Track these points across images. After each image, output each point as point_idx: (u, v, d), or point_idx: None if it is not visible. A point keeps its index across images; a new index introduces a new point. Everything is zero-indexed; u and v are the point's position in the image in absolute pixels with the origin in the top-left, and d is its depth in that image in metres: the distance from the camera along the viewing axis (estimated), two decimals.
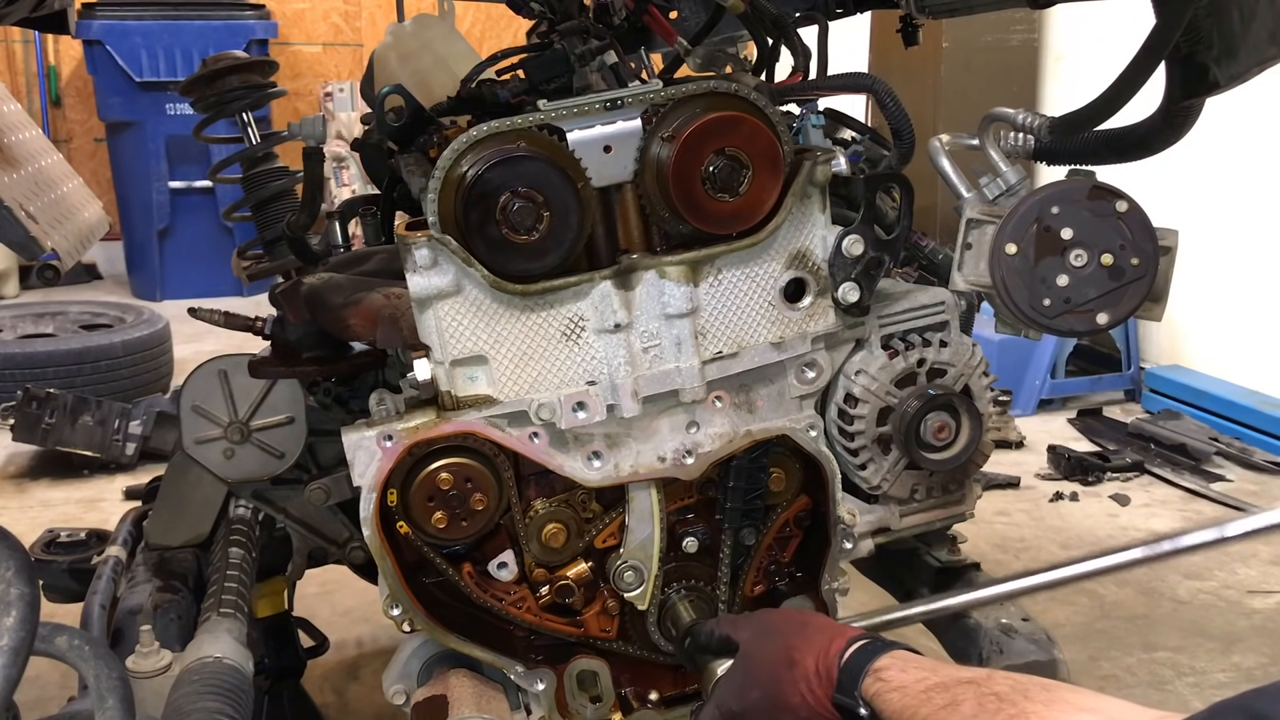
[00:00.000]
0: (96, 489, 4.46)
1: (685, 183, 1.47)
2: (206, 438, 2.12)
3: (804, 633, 1.35)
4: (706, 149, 1.47)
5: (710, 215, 1.50)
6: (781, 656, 1.33)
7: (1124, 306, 1.61)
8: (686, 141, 1.46)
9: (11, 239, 2.18)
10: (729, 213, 1.50)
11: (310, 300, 1.76)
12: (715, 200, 1.49)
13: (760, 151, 1.49)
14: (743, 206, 1.51)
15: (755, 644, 1.40)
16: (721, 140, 1.47)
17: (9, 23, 2.29)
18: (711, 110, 1.47)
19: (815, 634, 1.33)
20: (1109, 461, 4.61)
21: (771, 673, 1.33)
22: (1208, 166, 4.93)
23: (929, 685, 1.16)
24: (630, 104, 1.49)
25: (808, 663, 1.29)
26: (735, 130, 1.48)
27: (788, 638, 1.36)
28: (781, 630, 1.39)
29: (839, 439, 1.68)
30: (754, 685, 1.36)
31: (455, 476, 1.53)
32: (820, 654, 1.29)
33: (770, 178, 1.51)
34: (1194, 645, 3.28)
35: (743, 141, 1.48)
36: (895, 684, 1.20)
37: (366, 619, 3.34)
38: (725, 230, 1.52)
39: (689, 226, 1.50)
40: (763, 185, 1.51)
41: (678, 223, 1.50)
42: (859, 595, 1.58)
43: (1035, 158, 1.78)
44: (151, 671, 1.66)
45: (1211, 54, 1.52)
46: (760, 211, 1.52)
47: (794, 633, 1.36)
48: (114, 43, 7.64)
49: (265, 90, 2.67)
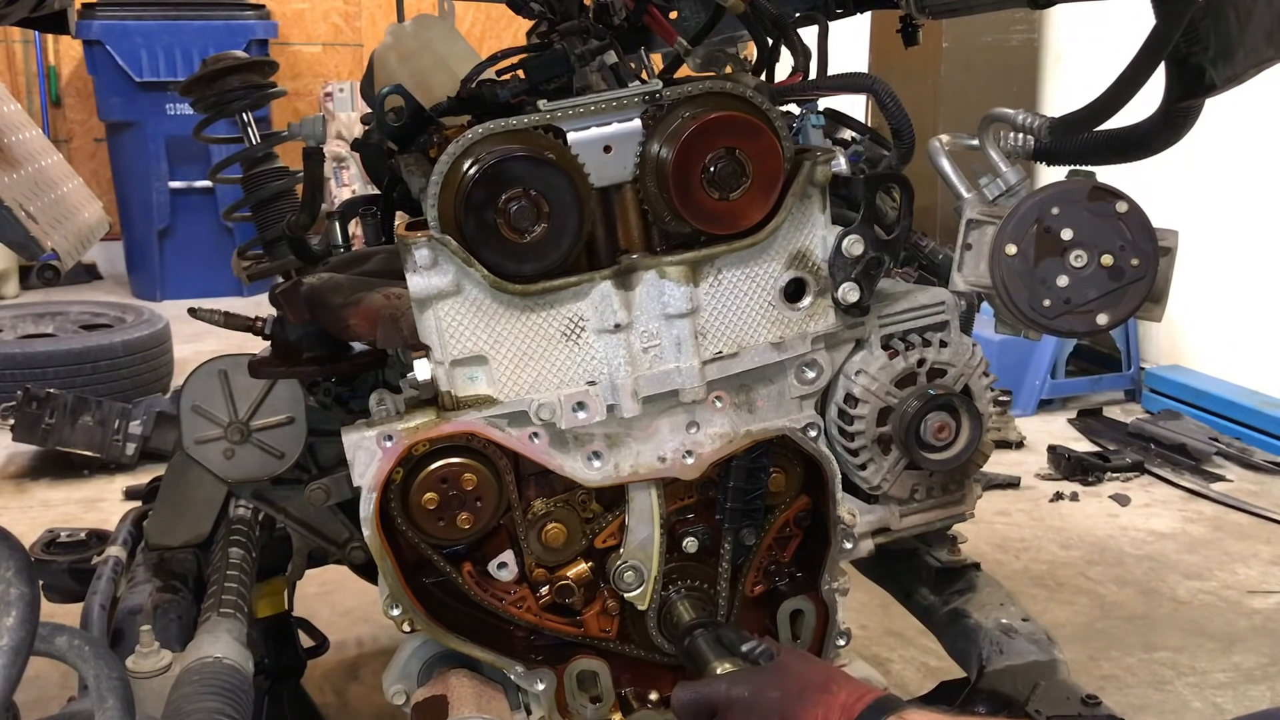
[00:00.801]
0: (96, 489, 4.46)
1: (685, 183, 1.47)
2: (206, 438, 2.12)
3: (846, 675, 1.41)
4: (706, 149, 1.47)
5: (710, 215, 1.50)
6: (819, 680, 1.37)
7: (1124, 307, 1.61)
8: (686, 141, 1.46)
9: (11, 239, 2.18)
10: (729, 213, 1.50)
11: (310, 300, 1.76)
12: (715, 200, 1.49)
13: (760, 151, 1.49)
14: (742, 206, 1.51)
15: (797, 660, 1.44)
16: (721, 140, 1.47)
17: (9, 23, 2.29)
18: (711, 110, 1.47)
19: (857, 683, 1.38)
20: (1109, 461, 4.60)
21: (802, 687, 1.36)
22: (1208, 167, 4.93)
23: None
24: (630, 104, 1.49)
25: (841, 695, 1.33)
26: (735, 130, 1.48)
27: (830, 670, 1.41)
28: (824, 664, 1.48)
29: (839, 439, 1.68)
30: (777, 688, 1.38)
31: (455, 476, 1.53)
32: (854, 693, 1.33)
33: (770, 178, 1.51)
34: (1194, 645, 3.28)
35: (742, 141, 1.48)
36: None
37: (366, 619, 3.34)
38: (725, 230, 1.52)
39: (689, 226, 1.50)
40: (762, 185, 1.51)
41: (678, 223, 1.50)
42: (859, 595, 1.58)
43: (1035, 158, 1.78)
44: (151, 671, 1.66)
45: (1208, 55, 1.52)
46: (760, 212, 1.52)
47: (837, 672, 1.42)
48: (114, 43, 7.64)
49: (265, 90, 2.67)
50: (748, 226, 1.52)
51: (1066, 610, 3.49)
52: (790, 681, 1.38)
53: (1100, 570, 3.78)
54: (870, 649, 3.17)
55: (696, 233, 1.51)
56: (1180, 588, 3.65)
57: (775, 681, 1.39)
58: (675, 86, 1.50)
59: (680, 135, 1.46)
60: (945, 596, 2.06)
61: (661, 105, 1.49)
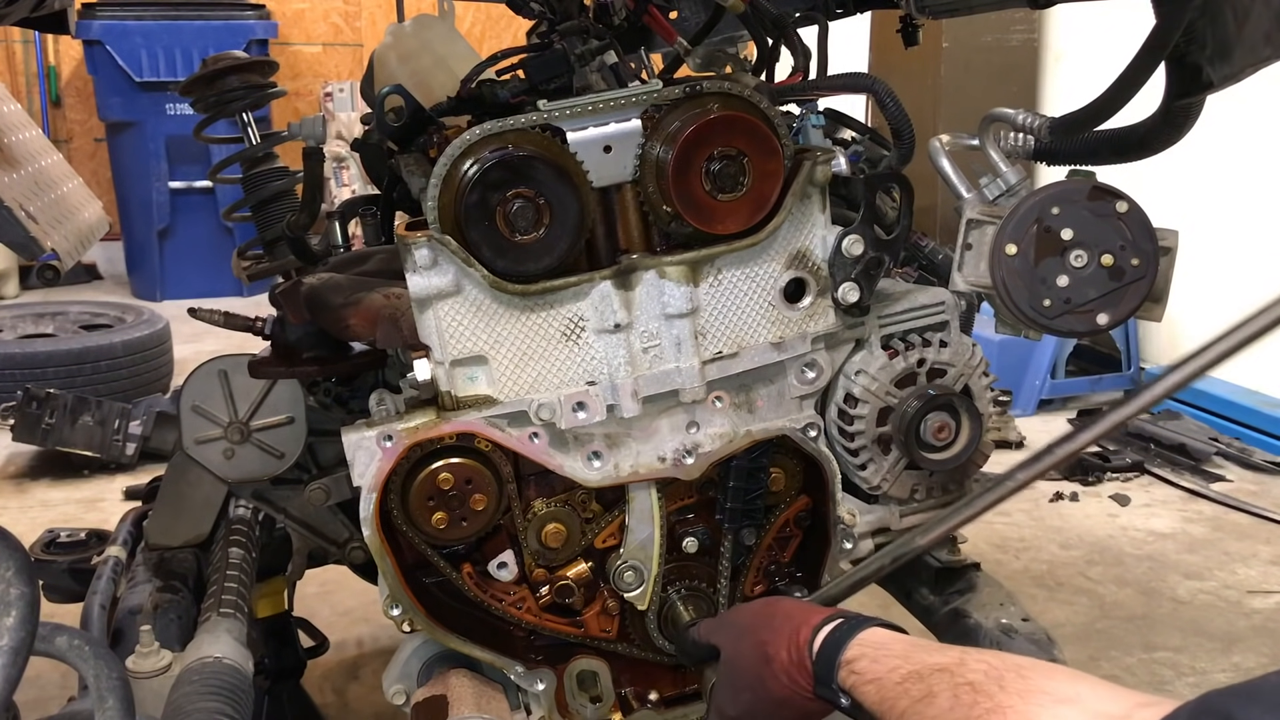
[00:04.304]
0: (96, 489, 4.46)
1: (685, 183, 1.47)
2: (206, 438, 2.12)
3: (771, 625, 1.34)
4: (706, 149, 1.47)
5: (710, 215, 1.50)
6: (758, 654, 1.33)
7: (1124, 307, 1.61)
8: (686, 141, 1.46)
9: (11, 239, 2.18)
10: (729, 213, 1.50)
11: (310, 300, 1.76)
12: (715, 200, 1.49)
13: (760, 152, 1.49)
14: (742, 206, 1.51)
15: (733, 645, 1.41)
16: (721, 140, 1.47)
17: (9, 23, 2.28)
18: (711, 110, 1.47)
19: (782, 623, 1.32)
20: (1109, 461, 4.61)
21: (754, 672, 1.33)
22: (1208, 166, 4.93)
23: (904, 675, 1.14)
24: (630, 104, 1.49)
25: (781, 655, 1.29)
26: (735, 130, 1.48)
27: (758, 633, 1.36)
28: (752, 627, 1.39)
29: (839, 439, 1.68)
30: (743, 688, 1.36)
31: (455, 476, 1.53)
32: (790, 644, 1.29)
33: (770, 178, 1.51)
34: (1194, 645, 3.28)
35: (742, 141, 1.48)
36: (869, 676, 1.18)
37: (366, 619, 3.34)
38: (725, 230, 1.52)
39: (689, 226, 1.50)
40: (762, 185, 1.51)
41: (677, 223, 1.50)
42: (859, 595, 1.58)
43: (1035, 158, 1.78)
44: (151, 671, 1.66)
45: (1205, 54, 1.52)
46: (760, 212, 1.52)
47: (763, 627, 1.36)
48: (114, 43, 7.64)
49: (265, 90, 2.67)
50: (747, 227, 1.52)
51: (1066, 610, 3.49)
52: (743, 674, 1.35)
53: (1100, 570, 3.78)
54: None
55: (696, 233, 1.51)
56: (1180, 588, 3.65)
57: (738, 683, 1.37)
58: (675, 86, 1.50)
59: (680, 135, 1.46)
60: (945, 596, 2.06)
61: (661, 105, 1.49)
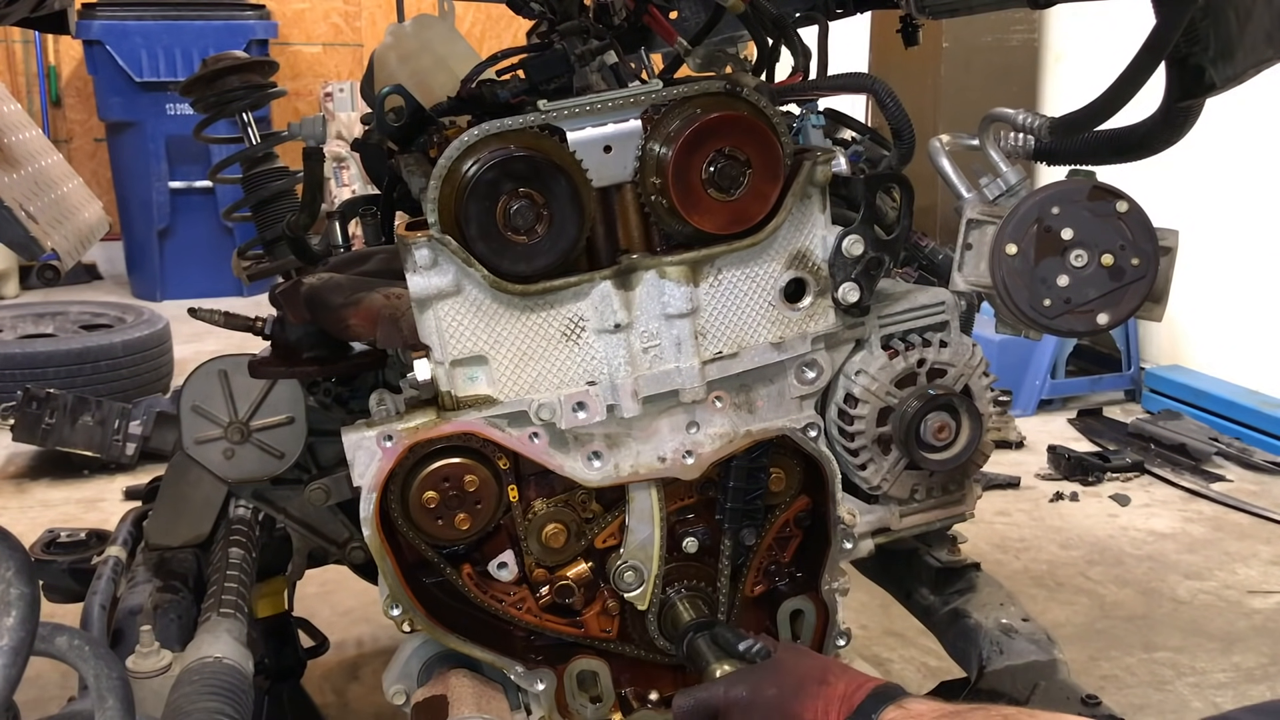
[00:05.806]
0: (96, 489, 4.46)
1: (685, 183, 1.47)
2: (206, 438, 2.12)
3: (843, 667, 1.41)
4: (706, 149, 1.47)
5: (710, 215, 1.49)
6: (816, 673, 1.37)
7: (1124, 307, 1.61)
8: (686, 141, 1.46)
9: (11, 239, 2.18)
10: (729, 213, 1.50)
11: (310, 300, 1.76)
12: (715, 200, 1.49)
13: (760, 152, 1.49)
14: (742, 206, 1.51)
15: (792, 655, 1.45)
16: (721, 140, 1.47)
17: (9, 23, 2.29)
18: (711, 110, 1.47)
19: (854, 672, 1.38)
20: (1109, 461, 4.60)
21: (799, 681, 1.36)
22: (1208, 166, 4.93)
23: (945, 712, 1.21)
24: (630, 104, 1.48)
25: (839, 686, 1.34)
26: (735, 130, 1.48)
27: (827, 663, 1.42)
28: (820, 657, 1.47)
29: (839, 439, 1.68)
30: (774, 685, 1.38)
31: (455, 476, 1.53)
32: (853, 683, 1.34)
33: (770, 178, 1.51)
34: (1194, 645, 3.28)
35: (743, 141, 1.48)
36: (914, 712, 1.25)
37: (366, 619, 3.34)
38: (725, 230, 1.52)
39: (689, 226, 1.50)
40: (762, 185, 1.51)
41: (678, 223, 1.50)
42: (859, 595, 1.58)
43: (1035, 158, 1.78)
44: (151, 671, 1.66)
45: (1208, 55, 1.52)
46: (760, 211, 1.52)
47: (833, 663, 1.42)
48: (114, 43, 7.64)
49: (265, 90, 2.67)
50: (748, 226, 1.52)
51: (1066, 610, 3.49)
52: (787, 677, 1.38)
53: (1100, 570, 3.78)
54: (870, 649, 3.17)
55: (696, 233, 1.51)
56: (1180, 588, 3.65)
57: (772, 679, 1.39)
58: (675, 86, 1.50)
59: (680, 135, 1.46)
60: (945, 596, 2.07)
61: (661, 105, 1.49)
